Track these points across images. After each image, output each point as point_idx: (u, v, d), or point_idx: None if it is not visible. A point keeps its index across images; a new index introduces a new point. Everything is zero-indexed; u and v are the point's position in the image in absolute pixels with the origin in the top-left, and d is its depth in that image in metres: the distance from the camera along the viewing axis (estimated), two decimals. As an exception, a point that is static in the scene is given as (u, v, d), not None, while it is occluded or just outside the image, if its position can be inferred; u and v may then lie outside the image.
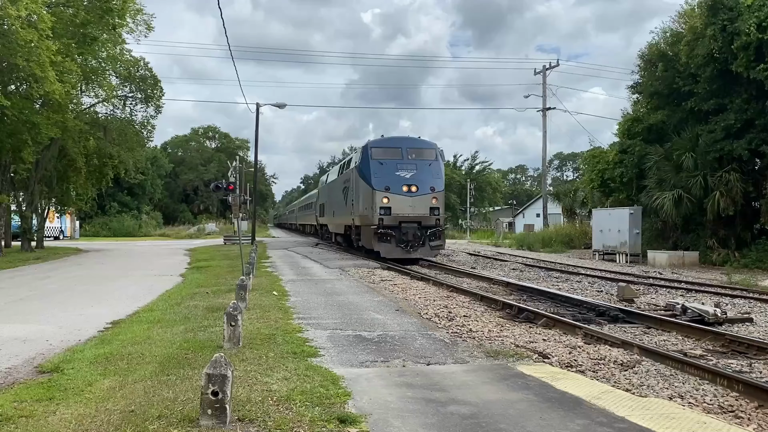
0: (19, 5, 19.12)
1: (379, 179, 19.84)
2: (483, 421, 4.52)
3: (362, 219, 20.92)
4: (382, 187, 19.68)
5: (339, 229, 27.52)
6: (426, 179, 20.05)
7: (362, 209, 20.77)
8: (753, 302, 11.94)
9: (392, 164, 20.16)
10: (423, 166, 20.35)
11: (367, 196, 20.11)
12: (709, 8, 20.58)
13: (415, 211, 19.70)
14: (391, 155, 20.55)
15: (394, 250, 19.49)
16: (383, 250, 19.52)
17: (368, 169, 20.30)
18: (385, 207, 19.53)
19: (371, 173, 20.09)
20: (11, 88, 23.66)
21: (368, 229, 20.16)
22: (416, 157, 20.59)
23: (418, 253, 19.75)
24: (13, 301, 11.95)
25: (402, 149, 20.69)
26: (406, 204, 19.66)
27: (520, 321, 9.61)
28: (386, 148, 20.99)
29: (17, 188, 30.27)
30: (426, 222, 19.78)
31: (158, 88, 32.30)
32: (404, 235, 19.47)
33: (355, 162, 22.46)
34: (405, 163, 20.22)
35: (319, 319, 9.18)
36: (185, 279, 16.35)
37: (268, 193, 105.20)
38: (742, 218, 21.95)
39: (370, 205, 19.86)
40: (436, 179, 20.33)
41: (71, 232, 51.92)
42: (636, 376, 6.25)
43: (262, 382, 5.40)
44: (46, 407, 4.87)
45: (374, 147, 21.06)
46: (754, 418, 5.05)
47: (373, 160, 20.41)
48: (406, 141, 21.52)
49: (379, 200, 19.57)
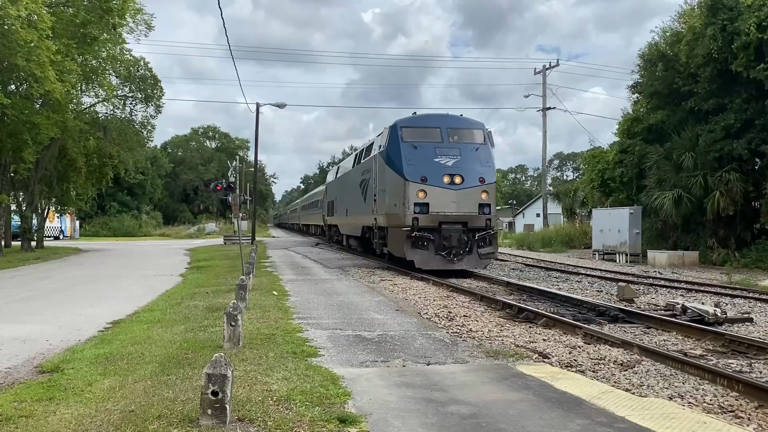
0: (19, 5, 19.12)
1: (414, 167, 15.84)
2: (483, 421, 4.52)
3: (389, 218, 17.00)
4: (417, 177, 15.68)
5: (353, 231, 23.56)
6: (473, 168, 16.05)
7: (389, 206, 16.86)
8: (753, 302, 11.94)
9: (429, 149, 16.12)
10: (468, 150, 16.35)
11: (397, 190, 16.14)
12: (709, 8, 20.58)
13: (460, 208, 15.70)
14: (428, 137, 16.49)
15: (432, 259, 15.50)
16: (419, 259, 15.48)
17: (398, 154, 16.25)
18: (421, 203, 15.59)
19: (403, 160, 16.02)
20: (11, 87, 23.67)
21: (398, 232, 16.16)
22: (459, 139, 16.63)
23: (463, 263, 15.77)
24: (13, 301, 11.95)
25: (441, 130, 16.60)
26: (449, 199, 15.68)
27: (520, 321, 9.61)
28: (421, 128, 16.90)
29: (17, 188, 30.28)
30: (474, 223, 15.83)
31: (158, 88, 32.34)
32: (446, 239, 15.50)
33: (378, 147, 18.41)
34: (445, 147, 16.19)
35: (319, 319, 9.19)
36: (185, 279, 16.35)
37: (268, 193, 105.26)
38: (742, 218, 21.94)
39: (400, 201, 15.88)
40: (485, 168, 16.29)
41: (71, 232, 51.94)
42: (636, 376, 6.25)
43: (262, 382, 5.40)
44: (46, 407, 4.87)
45: (406, 127, 16.86)
46: (754, 418, 5.05)
47: (404, 143, 16.33)
48: (446, 119, 17.39)
49: (413, 194, 15.61)
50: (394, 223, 16.61)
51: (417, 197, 15.65)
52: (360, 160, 22.13)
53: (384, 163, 17.25)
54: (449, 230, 15.60)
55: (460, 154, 16.18)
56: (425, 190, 15.66)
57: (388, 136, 17.19)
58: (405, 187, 15.77)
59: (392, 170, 16.60)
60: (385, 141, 17.41)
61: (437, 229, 15.60)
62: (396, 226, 16.44)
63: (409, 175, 15.80)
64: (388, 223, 17.22)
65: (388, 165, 16.91)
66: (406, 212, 15.65)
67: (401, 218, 15.86)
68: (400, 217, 15.98)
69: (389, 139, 17.03)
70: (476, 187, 15.93)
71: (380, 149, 17.91)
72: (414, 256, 15.54)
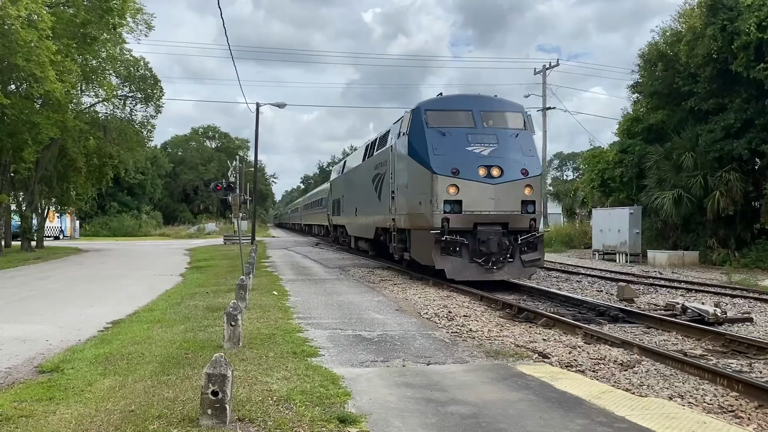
0: (19, 5, 19.12)
1: (443, 158, 13.38)
2: (483, 420, 4.52)
3: (412, 219, 14.56)
4: (447, 169, 13.22)
5: (364, 232, 21.12)
6: (514, 157, 13.65)
7: (412, 204, 14.39)
8: (753, 302, 11.94)
9: (460, 135, 13.71)
10: (507, 137, 13.96)
11: (422, 185, 13.75)
12: (708, 8, 20.57)
13: (500, 206, 13.22)
14: (458, 122, 14.16)
15: (466, 269, 13.06)
16: (450, 268, 13.03)
17: (423, 143, 13.81)
18: (452, 200, 13.16)
19: (429, 149, 13.58)
20: (11, 87, 23.67)
21: (424, 235, 13.72)
22: (495, 124, 14.31)
23: (504, 272, 13.29)
24: (13, 301, 11.95)
25: (473, 113, 14.18)
26: (486, 195, 13.20)
27: (520, 321, 9.61)
28: (450, 111, 14.47)
29: (17, 188, 30.28)
30: (516, 223, 13.35)
31: (158, 87, 32.36)
32: (483, 244, 13.00)
33: (397, 135, 16.04)
34: (480, 134, 13.79)
35: (319, 318, 9.19)
36: (185, 279, 16.36)
37: (268, 192, 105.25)
38: (742, 218, 21.93)
39: (427, 198, 13.45)
40: (528, 157, 13.87)
41: (71, 231, 51.96)
42: (636, 376, 6.25)
43: (262, 382, 5.40)
44: (46, 407, 4.87)
45: (431, 110, 14.40)
46: (754, 418, 5.05)
47: (430, 129, 13.92)
48: (479, 101, 14.89)
49: (442, 190, 13.15)
50: (419, 225, 14.13)
51: (447, 193, 13.18)
52: (372, 152, 19.61)
53: (405, 154, 14.82)
54: (487, 233, 13.12)
55: (497, 141, 13.71)
56: (457, 185, 13.20)
57: (409, 122, 14.72)
58: (432, 182, 13.26)
59: (416, 162, 14.14)
60: (406, 127, 14.91)
61: (472, 231, 13.18)
62: (421, 228, 14.00)
63: (437, 167, 13.30)
64: (411, 225, 14.73)
65: (410, 156, 14.44)
66: (434, 212, 13.18)
67: (428, 219, 13.42)
68: (426, 217, 13.53)
69: (411, 124, 14.59)
70: (518, 180, 13.43)
71: (399, 138, 15.55)
72: (444, 265, 13.06)
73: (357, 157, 23.23)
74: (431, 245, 13.07)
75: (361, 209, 20.98)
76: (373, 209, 18.79)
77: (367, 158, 20.38)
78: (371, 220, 19.29)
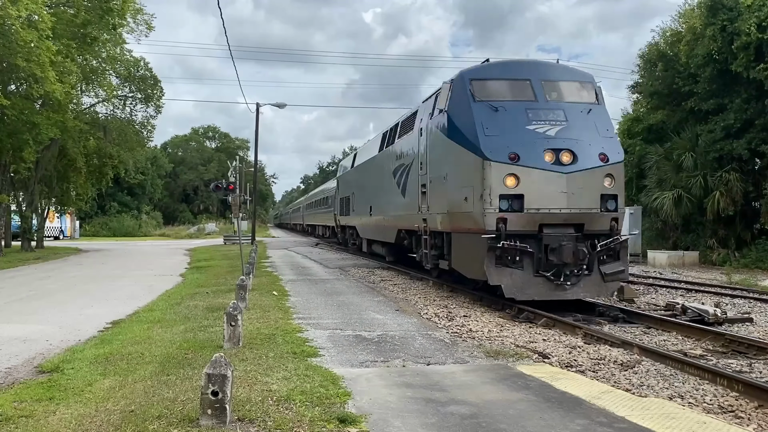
0: (19, 5, 19.12)
1: (496, 139, 10.38)
2: (483, 421, 4.52)
3: (453, 219, 11.57)
4: (504, 154, 10.18)
5: (382, 235, 18.31)
6: (589, 139, 10.58)
7: (453, 201, 11.42)
8: (753, 302, 11.94)
9: (518, 111, 10.72)
10: (577, 113, 10.90)
11: (469, 174, 10.77)
12: (708, 8, 20.59)
13: (574, 202, 10.16)
14: (514, 93, 11.15)
15: (530, 284, 10.05)
16: (509, 284, 10.01)
17: (470, 120, 10.82)
18: (510, 195, 10.14)
19: (478, 128, 10.54)
20: (11, 88, 23.68)
21: (471, 241, 10.72)
22: (562, 97, 11.28)
23: (580, 288, 10.22)
24: (13, 301, 11.96)
25: (532, 82, 11.17)
26: (555, 187, 10.12)
27: (520, 321, 9.61)
28: (503, 80, 11.44)
29: (17, 188, 30.30)
30: (593, 225, 10.35)
31: (158, 88, 32.40)
32: (553, 252, 9.98)
33: (429, 114, 13.07)
34: (543, 109, 10.81)
35: (319, 319, 9.19)
36: (185, 279, 16.36)
37: (268, 193, 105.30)
38: (742, 218, 21.94)
39: (475, 193, 10.46)
40: (606, 139, 10.83)
41: (71, 232, 52.00)
42: (636, 376, 6.25)
43: (262, 382, 5.40)
44: (46, 407, 4.87)
45: (478, 79, 11.36)
46: (754, 418, 5.05)
47: (478, 103, 10.91)
48: (539, 68, 11.87)
49: (497, 181, 10.14)
50: (463, 227, 11.17)
51: (503, 186, 10.12)
52: (392, 139, 16.80)
53: (443, 137, 11.93)
54: (557, 237, 10.07)
55: (565, 118, 10.71)
56: (517, 175, 10.10)
57: (449, 96, 11.74)
58: (483, 171, 10.22)
59: (459, 146, 11.19)
60: (444, 102, 11.88)
61: (536, 235, 10.13)
62: (466, 231, 11.05)
63: (489, 151, 10.25)
64: (452, 227, 11.75)
65: (450, 138, 11.56)
66: (486, 210, 10.12)
67: (476, 219, 10.41)
68: (473, 217, 10.52)
69: (452, 98, 11.62)
70: (597, 168, 10.38)
71: (433, 117, 12.66)
72: (501, 279, 10.02)
73: (372, 148, 20.16)
74: (482, 254, 10.09)
75: (378, 208, 18.25)
76: (394, 208, 16.11)
77: (385, 148, 17.59)
78: (392, 221, 16.50)
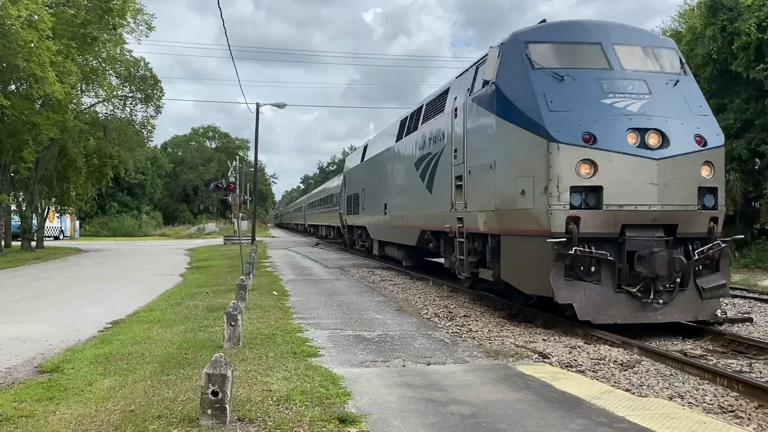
0: (19, 5, 19.13)
1: (564, 115, 8.29)
2: (483, 421, 4.52)
3: (503, 218, 9.26)
4: (576, 134, 8.11)
5: (400, 236, 16.20)
6: (680, 116, 8.50)
7: (504, 193, 9.21)
8: (753, 302, 11.93)
9: (588, 81, 8.61)
10: (662, 86, 8.81)
11: (527, 159, 8.65)
12: (708, 8, 20.58)
13: (664, 197, 8.12)
14: (582, 60, 8.98)
15: (610, 303, 8.05)
16: (582, 302, 8.00)
17: (528, 91, 8.69)
18: (584, 186, 8.09)
19: (539, 100, 8.45)
20: (11, 88, 23.68)
21: (531, 246, 8.61)
22: (641, 65, 9.11)
23: (674, 309, 8.18)
24: (13, 301, 11.96)
25: (603, 47, 9.04)
26: (643, 178, 8.07)
27: (520, 321, 9.61)
28: (567, 44, 9.24)
29: (17, 188, 30.30)
30: (689, 226, 8.36)
31: (158, 88, 32.39)
32: (640, 261, 7.95)
33: (467, 90, 10.85)
34: (620, 79, 8.69)
35: (319, 319, 9.19)
36: (185, 279, 16.36)
37: (268, 193, 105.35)
38: (742, 218, 21.93)
39: (536, 183, 8.36)
40: (700, 117, 8.74)
41: (71, 232, 52.00)
42: (636, 376, 6.25)
43: (262, 382, 5.40)
44: (46, 407, 4.87)
45: (536, 42, 9.21)
46: (754, 418, 5.05)
47: (537, 71, 8.79)
48: (611, 30, 9.54)
49: (567, 168, 8.05)
50: (518, 228, 8.82)
51: (576, 175, 7.97)
52: (415, 125, 14.50)
53: (489, 115, 9.64)
54: (645, 242, 8.00)
55: (648, 90, 8.58)
56: (593, 161, 7.96)
57: (498, 63, 9.38)
58: (549, 155, 8.06)
59: (512, 124, 8.93)
60: (491, 73, 9.46)
61: (616, 240, 8.04)
62: (522, 234, 8.73)
63: (557, 129, 8.08)
64: (501, 227, 9.32)
65: (501, 116, 9.23)
66: (553, 206, 8.01)
67: (538, 218, 8.29)
68: (534, 215, 8.37)
69: (503, 67, 9.33)
70: (693, 154, 8.29)
71: (473, 93, 10.44)
72: (572, 296, 7.92)
73: (387, 138, 18.12)
74: (546, 262, 8.00)
75: (395, 205, 16.16)
76: (416, 205, 14.02)
77: (405, 136, 15.44)
78: (413, 220, 14.32)
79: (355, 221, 23.42)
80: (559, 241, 7.93)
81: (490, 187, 9.66)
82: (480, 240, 10.53)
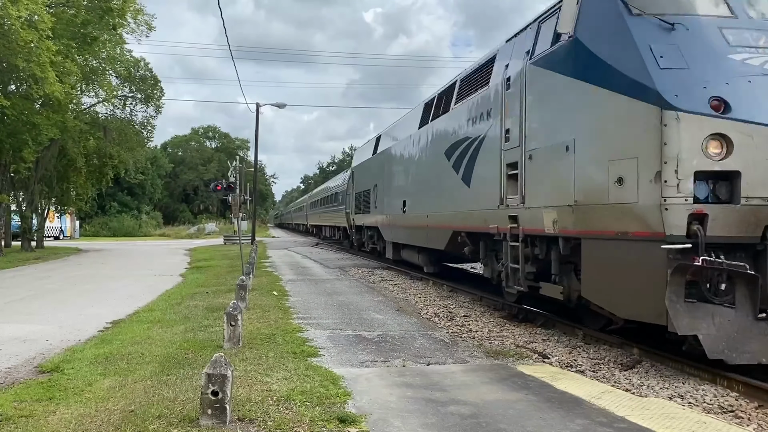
0: (19, 5, 19.12)
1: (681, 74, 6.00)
2: (483, 421, 4.53)
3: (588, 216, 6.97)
4: (701, 99, 5.81)
5: (423, 239, 14.07)
6: None
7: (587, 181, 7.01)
8: (753, 302, 11.92)
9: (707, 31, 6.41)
10: None
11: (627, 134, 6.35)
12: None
13: None
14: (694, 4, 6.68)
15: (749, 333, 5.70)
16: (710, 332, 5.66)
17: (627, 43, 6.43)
18: (710, 172, 5.81)
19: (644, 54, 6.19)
20: (11, 88, 23.69)
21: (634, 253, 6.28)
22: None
23: None
24: (13, 301, 11.95)
25: None
26: None
27: (520, 321, 9.61)
28: None
29: (17, 188, 30.29)
30: None
31: (158, 88, 32.41)
32: None
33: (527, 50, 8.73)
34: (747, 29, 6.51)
35: (319, 319, 9.19)
36: (185, 279, 16.36)
37: (268, 193, 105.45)
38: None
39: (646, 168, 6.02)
40: None
41: (71, 232, 52.01)
42: (636, 376, 6.25)
43: (262, 382, 5.40)
44: (46, 407, 4.87)
45: None
46: (754, 418, 5.05)
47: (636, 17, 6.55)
48: None
49: (689, 145, 5.75)
50: (610, 228, 6.63)
51: (704, 156, 5.84)
52: (446, 107, 12.44)
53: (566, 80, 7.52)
54: None
55: None
56: (726, 136, 5.83)
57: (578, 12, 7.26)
58: (664, 128, 5.90)
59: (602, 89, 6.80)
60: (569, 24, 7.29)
61: (754, 246, 5.97)
62: (617, 237, 6.51)
63: (673, 92, 5.97)
64: (580, 227, 7.17)
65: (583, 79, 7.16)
66: (668, 198, 5.86)
67: (644, 214, 6.13)
68: (637, 211, 6.22)
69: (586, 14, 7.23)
70: None
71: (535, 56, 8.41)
72: (696, 325, 5.74)
73: (406, 126, 15.98)
74: (658, 277, 5.95)
75: (419, 202, 14.07)
76: (448, 200, 11.91)
77: (431, 121, 13.33)
78: (443, 219, 12.20)
79: (364, 221, 21.23)
80: (679, 247, 5.78)
81: (565, 175, 7.43)
82: (543, 244, 8.36)
